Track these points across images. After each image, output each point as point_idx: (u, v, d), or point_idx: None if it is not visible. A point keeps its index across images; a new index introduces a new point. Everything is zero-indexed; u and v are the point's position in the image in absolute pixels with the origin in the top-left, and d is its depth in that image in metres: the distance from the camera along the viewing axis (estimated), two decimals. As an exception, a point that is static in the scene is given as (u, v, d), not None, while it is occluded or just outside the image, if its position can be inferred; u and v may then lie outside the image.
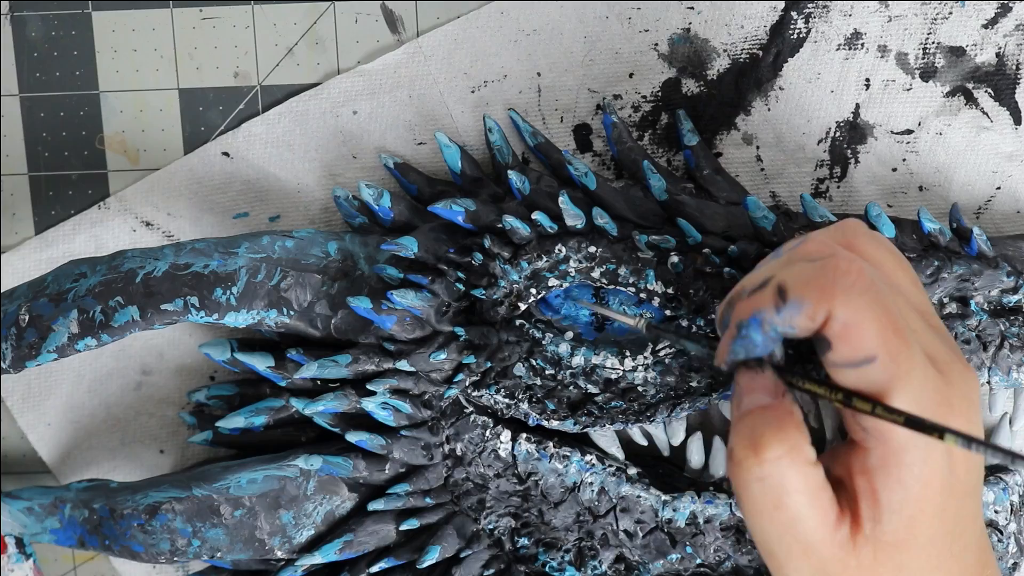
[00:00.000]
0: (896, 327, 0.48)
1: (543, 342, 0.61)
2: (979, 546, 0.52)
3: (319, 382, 0.62)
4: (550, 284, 0.61)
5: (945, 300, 0.60)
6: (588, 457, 0.62)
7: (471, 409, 0.62)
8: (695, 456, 0.64)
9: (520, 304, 0.61)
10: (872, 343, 0.47)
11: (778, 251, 0.53)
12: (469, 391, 0.62)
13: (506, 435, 0.62)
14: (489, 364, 0.61)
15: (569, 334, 0.62)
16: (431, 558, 0.61)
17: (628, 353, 0.61)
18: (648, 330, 0.59)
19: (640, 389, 0.61)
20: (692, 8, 0.64)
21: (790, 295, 0.48)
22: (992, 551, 0.54)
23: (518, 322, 0.61)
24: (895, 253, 0.52)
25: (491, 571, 0.63)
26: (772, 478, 0.48)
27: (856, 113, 0.64)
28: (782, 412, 0.49)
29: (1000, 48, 0.63)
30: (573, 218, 0.60)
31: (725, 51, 0.64)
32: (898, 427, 0.47)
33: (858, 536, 0.49)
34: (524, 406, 0.61)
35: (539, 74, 0.65)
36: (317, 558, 0.61)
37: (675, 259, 0.60)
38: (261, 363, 0.62)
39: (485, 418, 0.62)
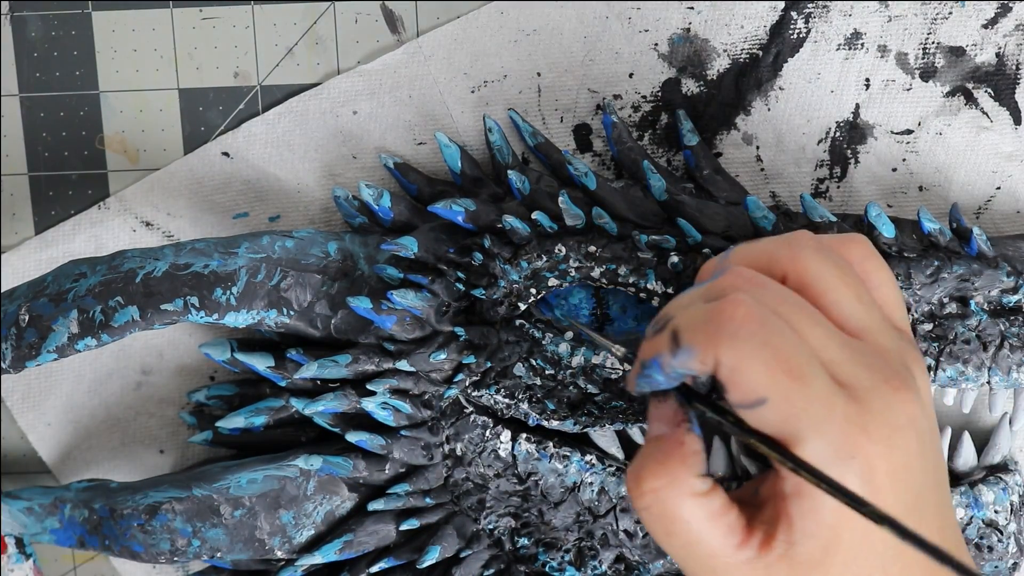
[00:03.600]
0: (787, 367, 0.48)
1: (543, 342, 0.61)
2: (925, 569, 0.51)
3: (319, 382, 0.62)
4: (550, 284, 0.61)
5: (945, 300, 0.60)
6: (588, 457, 0.62)
7: (471, 409, 0.62)
8: (695, 456, 0.64)
9: (520, 304, 0.61)
10: (760, 386, 0.48)
11: (726, 253, 0.53)
12: (469, 391, 0.62)
13: (506, 435, 0.62)
14: (489, 364, 0.61)
15: (569, 334, 0.62)
16: (431, 558, 0.61)
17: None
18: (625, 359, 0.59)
19: (640, 389, 0.61)
20: (692, 8, 0.64)
21: (682, 340, 0.49)
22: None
23: (518, 322, 0.61)
24: (842, 268, 0.52)
25: (491, 571, 0.63)
26: (654, 508, 0.50)
27: (856, 113, 0.64)
28: (671, 443, 0.50)
29: (1000, 48, 0.63)
30: (573, 218, 0.60)
31: (725, 51, 0.64)
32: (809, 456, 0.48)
33: (770, 554, 0.49)
34: (524, 406, 0.61)
35: (539, 74, 0.65)
36: (317, 558, 0.61)
37: (675, 259, 0.60)
38: (261, 363, 0.62)
39: (485, 418, 0.62)
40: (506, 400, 0.61)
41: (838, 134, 0.64)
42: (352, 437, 0.61)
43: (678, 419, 0.51)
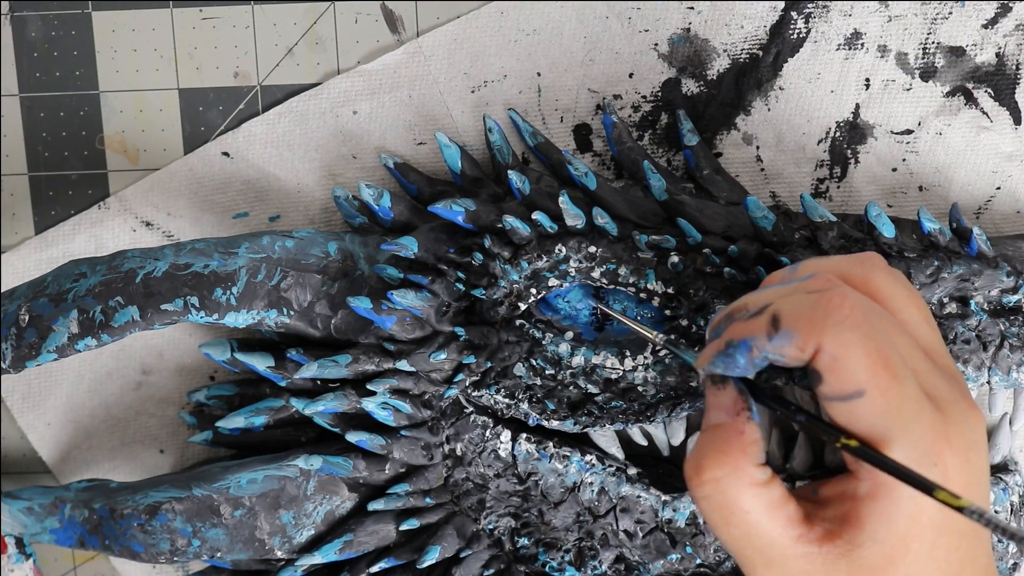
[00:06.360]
0: (887, 363, 0.48)
1: (543, 342, 0.61)
2: None
3: (319, 382, 0.62)
4: (550, 284, 0.61)
5: (945, 300, 0.60)
6: (588, 457, 0.62)
7: (471, 409, 0.62)
8: (695, 456, 0.64)
9: (520, 304, 0.61)
10: (860, 377, 0.48)
11: (795, 266, 0.53)
12: (469, 391, 0.62)
13: (506, 435, 0.62)
14: (489, 364, 0.61)
15: (569, 334, 0.62)
16: (431, 558, 0.61)
17: (628, 353, 0.61)
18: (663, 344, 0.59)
19: (640, 389, 0.61)
20: (692, 8, 0.64)
21: (782, 325, 0.49)
22: None
23: (518, 322, 0.61)
24: (910, 290, 0.53)
25: (491, 571, 0.63)
26: (714, 497, 0.50)
27: (856, 113, 0.64)
28: (731, 432, 0.51)
29: (1000, 48, 0.63)
30: (573, 218, 0.60)
31: (725, 51, 0.64)
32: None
33: (831, 551, 0.49)
34: (524, 406, 0.61)
35: (539, 74, 0.65)
36: (317, 558, 0.61)
37: (675, 259, 0.60)
38: (261, 363, 0.62)
39: (485, 418, 0.62)
40: (506, 400, 0.61)
41: (838, 134, 0.64)
42: (352, 437, 0.61)
43: (738, 408, 0.51)
